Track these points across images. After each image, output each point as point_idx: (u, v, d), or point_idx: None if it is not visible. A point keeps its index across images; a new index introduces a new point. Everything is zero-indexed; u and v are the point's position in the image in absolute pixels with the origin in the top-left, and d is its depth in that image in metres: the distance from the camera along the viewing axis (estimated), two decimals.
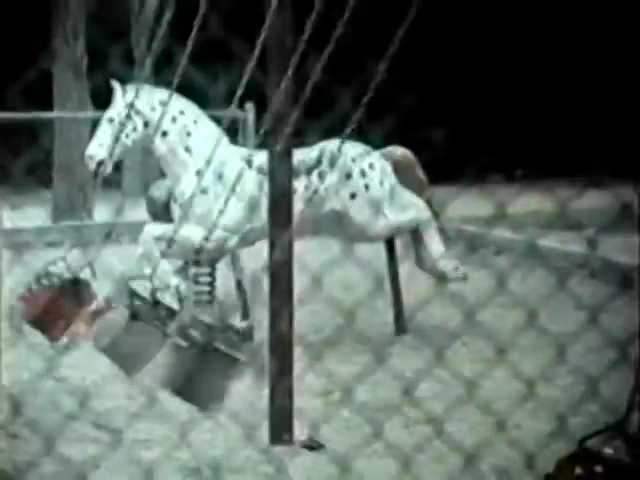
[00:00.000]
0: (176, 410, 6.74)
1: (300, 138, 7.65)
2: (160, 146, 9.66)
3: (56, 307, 6.86)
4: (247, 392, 7.10)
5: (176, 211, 9.66)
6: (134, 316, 6.34)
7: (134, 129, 9.65)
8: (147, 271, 9.29)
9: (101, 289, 6.73)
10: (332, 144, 9.48)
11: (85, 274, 7.08)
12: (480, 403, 5.62)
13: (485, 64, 23.71)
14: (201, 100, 9.94)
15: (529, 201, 7.50)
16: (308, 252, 7.91)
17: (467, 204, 7.17)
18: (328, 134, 9.11)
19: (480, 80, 22.84)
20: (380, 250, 9.95)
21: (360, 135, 9.19)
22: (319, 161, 9.40)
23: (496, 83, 23.21)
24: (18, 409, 5.96)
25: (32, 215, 15.93)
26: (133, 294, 6.62)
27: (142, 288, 6.72)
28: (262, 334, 7.85)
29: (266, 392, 6.71)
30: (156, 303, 6.41)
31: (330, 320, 7.19)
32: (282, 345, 6.88)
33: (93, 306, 6.60)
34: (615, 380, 5.09)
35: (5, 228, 13.73)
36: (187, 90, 9.81)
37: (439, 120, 19.92)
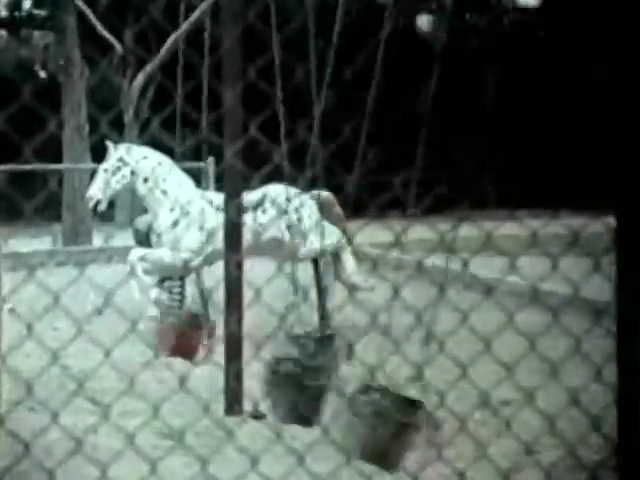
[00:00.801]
0: (153, 389, 6.67)
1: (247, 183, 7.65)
2: (142, 189, 9.57)
3: (185, 336, 7.30)
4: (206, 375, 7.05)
5: (154, 239, 9.58)
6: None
7: (123, 177, 9.58)
8: (136, 291, 9.23)
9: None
10: (272, 188, 9.47)
11: (197, 308, 7.37)
12: (381, 383, 5.58)
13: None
14: (174, 155, 9.87)
15: (418, 232, 7.53)
16: (253, 270, 7.84)
17: (372, 233, 7.18)
18: (268, 180, 9.11)
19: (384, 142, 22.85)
20: (308, 268, 9.93)
21: (294, 181, 9.21)
22: (262, 201, 9.36)
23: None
24: (32, 390, 5.85)
25: (46, 241, 15.74)
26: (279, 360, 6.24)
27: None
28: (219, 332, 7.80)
29: (222, 375, 6.65)
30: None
31: (269, 321, 7.13)
32: (234, 340, 6.85)
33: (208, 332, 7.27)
34: (479, 365, 5.09)
35: (25, 251, 13.66)
36: (164, 148, 9.77)
37: (351, 169, 20.00)
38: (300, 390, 5.68)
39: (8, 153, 9.51)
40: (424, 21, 30.00)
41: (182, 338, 7.63)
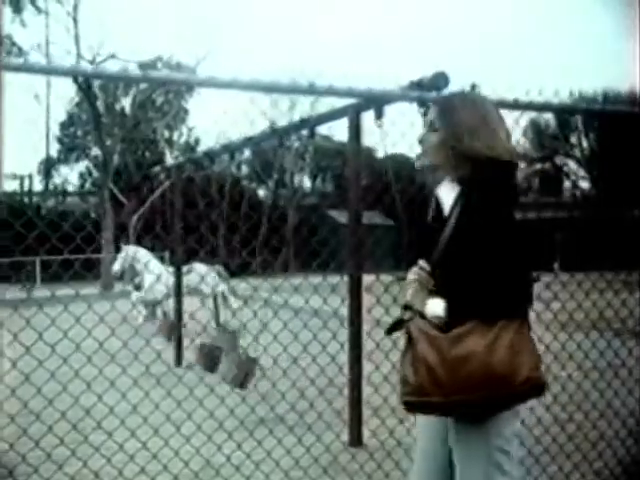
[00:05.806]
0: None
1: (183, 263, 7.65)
2: (138, 266, 9.60)
3: None
4: None
5: (141, 287, 9.59)
6: None
7: (127, 260, 9.57)
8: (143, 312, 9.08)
9: None
10: (196, 265, 9.32)
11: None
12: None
13: None
14: (153, 250, 9.85)
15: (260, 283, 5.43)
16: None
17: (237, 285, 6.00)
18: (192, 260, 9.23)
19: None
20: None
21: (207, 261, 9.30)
22: (190, 270, 9.25)
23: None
24: None
25: (89, 289, 14.88)
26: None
27: None
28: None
29: None
30: None
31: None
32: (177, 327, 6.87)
33: None
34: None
35: (83, 293, 12.64)
36: (148, 248, 9.75)
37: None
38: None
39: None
40: None
41: None
